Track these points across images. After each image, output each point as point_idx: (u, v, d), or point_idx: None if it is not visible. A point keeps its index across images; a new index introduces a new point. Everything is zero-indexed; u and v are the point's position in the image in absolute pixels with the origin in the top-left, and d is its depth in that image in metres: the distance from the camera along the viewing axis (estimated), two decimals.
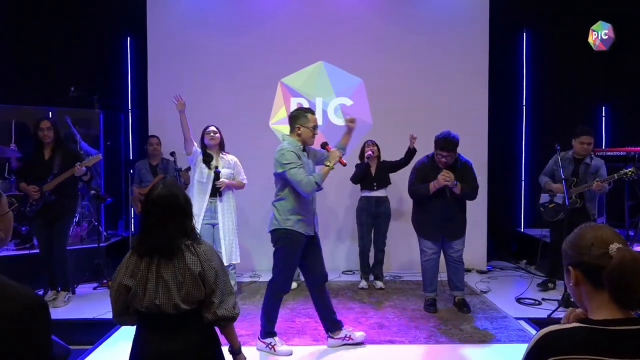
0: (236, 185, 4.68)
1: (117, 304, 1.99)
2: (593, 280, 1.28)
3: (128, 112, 6.49)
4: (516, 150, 6.70)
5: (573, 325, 1.27)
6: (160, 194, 1.97)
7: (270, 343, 3.57)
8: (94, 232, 5.67)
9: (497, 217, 6.40)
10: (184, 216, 1.99)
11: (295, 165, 3.36)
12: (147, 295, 1.91)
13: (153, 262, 1.94)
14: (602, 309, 1.27)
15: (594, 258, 1.27)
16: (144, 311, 1.92)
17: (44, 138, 4.55)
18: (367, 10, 6.15)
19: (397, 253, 6.03)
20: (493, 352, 3.62)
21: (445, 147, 4.14)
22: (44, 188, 4.51)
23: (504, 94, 6.56)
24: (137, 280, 1.93)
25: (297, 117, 3.52)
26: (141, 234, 2.00)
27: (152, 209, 1.98)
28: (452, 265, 4.44)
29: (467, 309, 4.41)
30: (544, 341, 1.26)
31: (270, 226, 3.54)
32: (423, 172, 4.33)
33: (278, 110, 6.15)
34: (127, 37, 6.50)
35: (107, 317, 4.28)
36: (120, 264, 2.02)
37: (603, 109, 6.72)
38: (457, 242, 4.37)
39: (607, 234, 1.29)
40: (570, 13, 6.44)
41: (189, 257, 1.93)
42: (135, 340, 2.02)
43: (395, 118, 6.04)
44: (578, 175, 4.81)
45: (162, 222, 1.94)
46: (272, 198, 3.64)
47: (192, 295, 1.91)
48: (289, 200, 3.46)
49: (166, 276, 1.91)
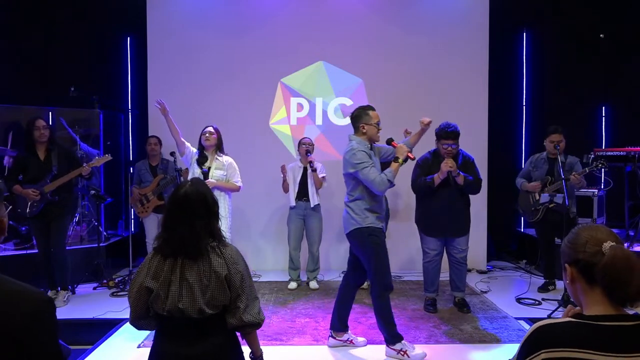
0: (228, 187, 4.49)
1: (137, 307, 1.90)
2: (587, 277, 1.32)
3: (128, 112, 6.49)
4: (516, 150, 6.70)
5: (566, 319, 1.32)
6: (188, 192, 1.91)
7: (402, 349, 3.42)
8: (94, 232, 5.67)
9: (497, 217, 6.39)
10: (211, 216, 1.93)
11: (367, 165, 3.36)
12: (169, 298, 1.83)
13: (177, 263, 1.86)
14: (595, 305, 1.31)
15: (588, 255, 1.32)
16: (165, 315, 1.85)
17: (39, 137, 4.51)
18: (367, 10, 6.15)
19: (397, 253, 6.01)
20: (493, 352, 3.62)
21: (450, 136, 4.16)
22: (46, 189, 4.49)
23: (504, 94, 6.56)
24: (159, 282, 1.85)
25: (360, 117, 3.52)
26: (165, 233, 1.91)
27: (178, 207, 1.91)
28: (456, 266, 4.41)
29: (467, 309, 4.41)
30: (537, 335, 1.30)
31: (349, 227, 3.50)
32: (426, 167, 4.33)
33: (278, 110, 6.15)
34: (127, 37, 6.50)
35: (107, 317, 4.29)
36: (141, 265, 1.95)
37: (603, 109, 6.72)
38: (461, 241, 4.34)
39: (602, 233, 1.34)
40: (570, 13, 6.44)
41: (214, 259, 1.87)
42: (153, 345, 1.94)
43: (395, 118, 6.02)
44: (553, 174, 4.89)
45: (188, 221, 1.87)
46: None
47: (217, 299, 1.85)
48: (364, 200, 3.46)
49: (191, 279, 1.83)
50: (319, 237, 5.30)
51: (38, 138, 4.52)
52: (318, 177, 5.15)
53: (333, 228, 5.99)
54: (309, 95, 6.13)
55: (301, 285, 5.35)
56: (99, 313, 4.36)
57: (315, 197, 5.20)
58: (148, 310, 1.91)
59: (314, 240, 5.27)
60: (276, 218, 6.03)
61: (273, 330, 3.99)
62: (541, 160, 5.07)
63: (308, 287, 5.28)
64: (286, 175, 5.24)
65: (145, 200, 5.34)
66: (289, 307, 4.59)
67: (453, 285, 4.50)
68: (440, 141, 4.23)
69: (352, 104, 6.11)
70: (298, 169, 5.28)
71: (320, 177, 5.17)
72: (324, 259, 5.76)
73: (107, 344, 3.75)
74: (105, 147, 6.01)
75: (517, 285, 5.34)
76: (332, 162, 5.91)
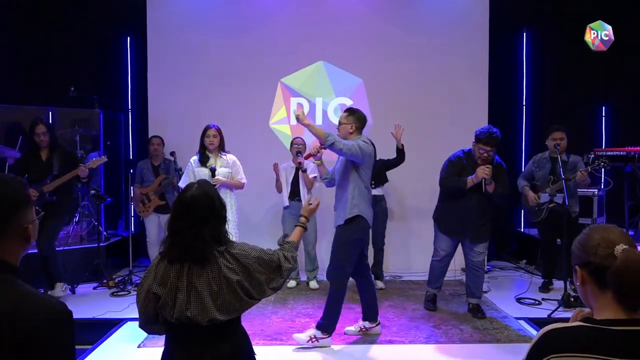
0: (234, 185, 4.61)
1: (146, 312, 1.85)
2: (598, 281, 1.28)
3: (128, 112, 6.49)
4: (516, 150, 6.70)
5: (576, 324, 1.28)
6: (195, 195, 1.84)
7: (315, 337, 3.67)
8: (94, 232, 5.67)
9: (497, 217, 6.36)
10: (218, 220, 1.86)
11: None
12: (177, 306, 1.77)
13: (184, 269, 1.80)
14: (606, 309, 1.27)
15: (599, 258, 1.27)
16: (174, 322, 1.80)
17: (40, 143, 4.59)
18: (367, 10, 6.15)
19: (397, 253, 6.02)
20: (493, 352, 3.62)
21: (489, 143, 4.00)
22: (45, 189, 4.51)
23: (504, 94, 6.56)
24: (166, 289, 1.78)
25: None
26: (171, 237, 1.84)
27: (184, 211, 1.83)
28: (473, 270, 4.30)
29: (482, 314, 4.31)
30: (546, 339, 1.27)
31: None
32: (459, 166, 4.20)
33: (278, 110, 6.15)
34: (127, 37, 6.49)
35: (107, 317, 4.29)
36: (147, 269, 1.89)
37: (603, 109, 6.72)
38: (480, 246, 4.24)
39: (614, 235, 1.29)
40: (570, 13, 6.43)
41: (223, 264, 1.81)
42: (164, 351, 1.90)
43: (395, 118, 6.02)
44: (555, 174, 4.86)
45: (195, 226, 1.80)
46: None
47: (230, 305, 1.79)
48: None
49: (199, 286, 1.77)
50: (313, 237, 5.30)
51: (38, 143, 4.60)
52: (309, 177, 5.14)
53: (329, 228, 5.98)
54: (309, 95, 6.13)
55: (301, 285, 5.35)
56: (99, 313, 4.36)
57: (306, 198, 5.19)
58: (157, 315, 1.85)
59: (309, 240, 5.27)
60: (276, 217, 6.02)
61: (273, 330, 3.99)
62: (544, 160, 5.05)
63: (308, 286, 5.29)
64: (279, 174, 5.24)
65: (146, 199, 5.35)
66: (289, 307, 4.59)
67: (468, 290, 4.42)
68: (479, 144, 4.06)
69: (352, 104, 6.11)
70: (290, 169, 5.29)
71: (311, 177, 5.16)
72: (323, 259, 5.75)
73: (107, 344, 3.76)
74: (105, 147, 6.02)
75: (517, 285, 5.34)
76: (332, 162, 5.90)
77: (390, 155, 5.38)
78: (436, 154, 4.62)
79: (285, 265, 1.97)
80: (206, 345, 1.81)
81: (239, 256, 1.85)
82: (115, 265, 5.75)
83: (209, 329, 1.79)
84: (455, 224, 4.24)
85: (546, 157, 5.04)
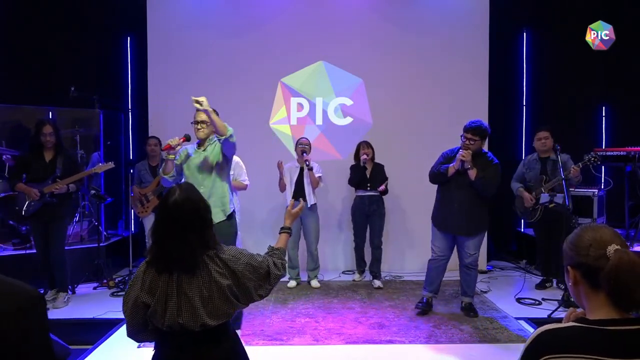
0: (236, 186, 4.65)
1: (133, 322, 1.78)
2: (591, 281, 1.28)
3: (128, 112, 6.49)
4: (516, 150, 6.69)
5: (569, 324, 1.28)
6: (177, 201, 1.75)
7: None
8: (94, 232, 5.67)
9: (497, 217, 6.37)
10: (204, 225, 1.78)
11: None
12: (168, 314, 1.71)
13: (173, 277, 1.74)
14: (600, 310, 1.27)
15: (592, 259, 1.27)
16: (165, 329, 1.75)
17: (46, 143, 4.59)
18: (367, 10, 6.15)
19: (397, 253, 6.02)
20: (493, 352, 3.62)
21: (469, 131, 4.12)
22: (45, 190, 4.51)
23: (504, 94, 6.55)
24: (156, 298, 1.72)
25: None
26: (156, 245, 1.77)
27: (168, 217, 1.75)
28: (465, 270, 4.33)
29: (474, 313, 4.33)
30: (540, 339, 1.27)
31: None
32: (448, 158, 4.31)
33: (278, 110, 6.15)
34: (127, 37, 6.49)
35: (107, 317, 4.29)
36: (134, 277, 1.80)
37: (603, 109, 6.71)
38: (471, 244, 4.23)
39: (606, 235, 1.29)
40: (570, 13, 6.43)
41: (214, 269, 1.76)
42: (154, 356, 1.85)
43: (395, 118, 6.04)
44: (547, 173, 4.92)
45: (180, 233, 1.72)
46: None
47: (220, 310, 1.75)
48: None
49: (190, 293, 1.72)
50: (316, 237, 5.31)
51: (44, 144, 4.59)
52: (314, 176, 5.16)
53: (331, 228, 6.00)
54: (309, 95, 6.12)
55: (301, 284, 5.35)
56: (99, 313, 4.36)
57: (312, 197, 5.21)
58: (146, 323, 1.79)
59: (312, 239, 5.28)
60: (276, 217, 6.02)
61: (273, 330, 3.99)
62: (533, 161, 5.12)
63: (309, 285, 5.29)
64: (283, 172, 5.25)
65: (145, 200, 5.36)
66: (289, 307, 4.59)
67: (461, 289, 4.46)
68: (464, 133, 4.18)
69: (352, 104, 6.11)
70: (295, 168, 5.29)
71: (317, 176, 5.18)
72: (323, 259, 5.76)
73: (107, 344, 3.75)
74: (105, 147, 6.02)
75: (517, 285, 5.33)
76: (332, 161, 5.92)
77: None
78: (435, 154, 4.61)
79: (275, 273, 1.92)
80: (198, 350, 1.78)
81: (228, 261, 1.80)
82: (115, 265, 5.74)
83: (200, 334, 1.76)
84: (446, 216, 4.28)
85: (535, 158, 5.12)
